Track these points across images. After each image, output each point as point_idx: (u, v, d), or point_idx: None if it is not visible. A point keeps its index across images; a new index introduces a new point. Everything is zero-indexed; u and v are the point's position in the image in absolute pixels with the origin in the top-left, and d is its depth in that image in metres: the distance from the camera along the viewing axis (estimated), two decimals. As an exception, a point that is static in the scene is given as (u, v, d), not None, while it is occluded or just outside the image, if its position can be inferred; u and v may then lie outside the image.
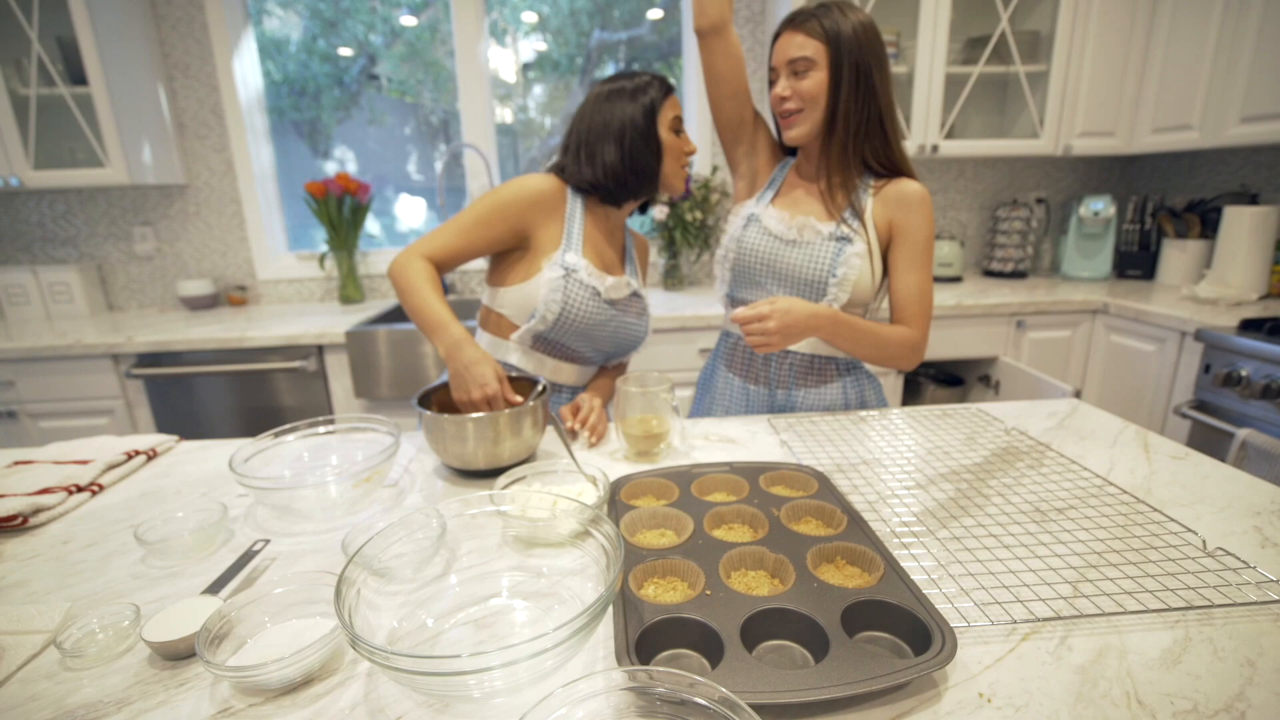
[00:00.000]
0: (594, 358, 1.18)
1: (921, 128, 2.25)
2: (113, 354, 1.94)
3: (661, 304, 2.20)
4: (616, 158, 1.06)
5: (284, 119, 2.55)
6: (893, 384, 2.18)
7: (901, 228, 1.07)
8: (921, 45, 2.17)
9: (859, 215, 1.07)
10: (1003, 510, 0.76)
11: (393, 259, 1.04)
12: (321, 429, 0.91)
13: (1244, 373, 1.65)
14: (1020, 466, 0.88)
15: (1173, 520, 0.73)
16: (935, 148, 2.27)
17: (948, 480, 0.85)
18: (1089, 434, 1.00)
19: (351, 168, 2.66)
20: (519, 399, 0.94)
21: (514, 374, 1.06)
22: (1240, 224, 2.07)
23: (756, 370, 1.18)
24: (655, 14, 2.57)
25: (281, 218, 2.57)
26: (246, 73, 2.39)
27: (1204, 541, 0.68)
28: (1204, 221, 2.31)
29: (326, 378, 2.01)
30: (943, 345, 2.16)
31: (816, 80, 1.03)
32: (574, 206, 1.11)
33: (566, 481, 0.78)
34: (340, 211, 2.33)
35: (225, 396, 2.00)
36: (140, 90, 2.17)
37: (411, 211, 2.74)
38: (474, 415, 0.82)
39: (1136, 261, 2.49)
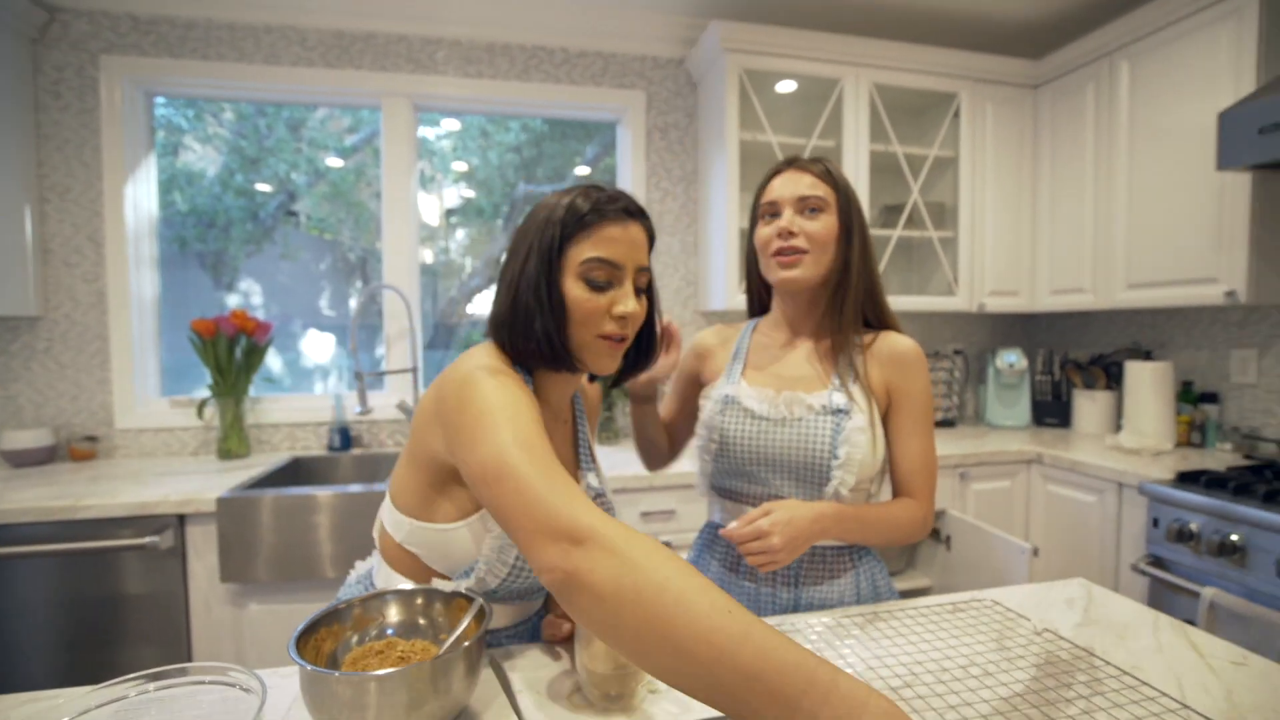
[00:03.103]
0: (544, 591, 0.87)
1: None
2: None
3: (599, 457, 1.99)
4: (507, 309, 0.75)
5: (186, 250, 2.32)
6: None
7: (901, 391, 0.97)
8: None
9: (856, 379, 0.96)
10: (1103, 776, 0.58)
11: (613, 549, 0.53)
12: (132, 691, 0.61)
13: (1194, 527, 1.64)
14: (1079, 689, 0.72)
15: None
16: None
17: (1008, 720, 0.67)
18: (1123, 629, 0.87)
19: (257, 300, 2.42)
20: None
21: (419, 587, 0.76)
22: (1142, 378, 2.20)
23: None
24: (583, 170, 2.65)
25: (157, 356, 2.23)
26: (140, 199, 2.17)
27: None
28: (1108, 374, 2.47)
29: (185, 557, 1.60)
30: (893, 499, 2.06)
31: (827, 224, 0.95)
32: None
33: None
34: (230, 353, 2.04)
35: (38, 588, 1.53)
36: (-1, 212, 1.89)
37: (319, 348, 2.49)
38: (378, 673, 0.57)
39: (1052, 410, 2.60)
